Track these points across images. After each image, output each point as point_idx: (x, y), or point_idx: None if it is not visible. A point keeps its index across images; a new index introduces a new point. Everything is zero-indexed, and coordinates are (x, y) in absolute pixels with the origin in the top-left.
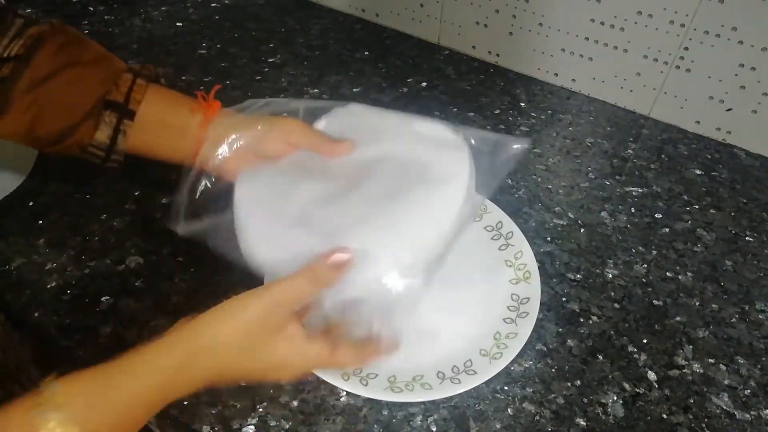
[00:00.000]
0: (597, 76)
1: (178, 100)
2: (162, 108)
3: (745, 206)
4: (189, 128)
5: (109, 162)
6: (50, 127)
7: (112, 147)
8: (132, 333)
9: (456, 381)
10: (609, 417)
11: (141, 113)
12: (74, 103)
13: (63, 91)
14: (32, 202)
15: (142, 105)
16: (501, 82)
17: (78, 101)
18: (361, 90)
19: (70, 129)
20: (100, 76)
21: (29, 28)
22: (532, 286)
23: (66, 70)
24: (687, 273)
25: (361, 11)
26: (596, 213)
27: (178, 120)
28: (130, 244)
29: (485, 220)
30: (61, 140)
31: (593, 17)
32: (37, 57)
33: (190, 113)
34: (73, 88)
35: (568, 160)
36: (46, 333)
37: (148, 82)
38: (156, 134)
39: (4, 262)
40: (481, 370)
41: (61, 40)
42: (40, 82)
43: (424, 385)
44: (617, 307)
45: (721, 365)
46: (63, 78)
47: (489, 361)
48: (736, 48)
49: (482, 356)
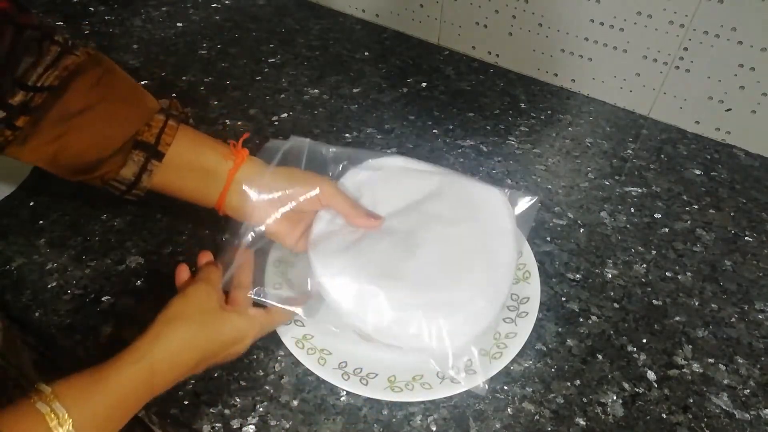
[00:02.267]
0: (597, 77)
1: (206, 143)
2: (190, 151)
3: (744, 206)
4: (216, 174)
5: (130, 195)
6: (75, 159)
7: (135, 184)
8: (132, 333)
9: (456, 381)
10: (608, 417)
11: (170, 155)
12: (104, 139)
13: (94, 127)
14: (32, 202)
15: (172, 147)
16: (501, 83)
17: (108, 138)
18: (361, 90)
19: (97, 163)
20: (132, 115)
21: (65, 58)
22: (531, 286)
23: (99, 106)
24: (686, 273)
25: (361, 11)
26: (596, 213)
27: (205, 164)
28: (130, 244)
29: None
30: (85, 172)
31: (593, 17)
32: (70, 90)
33: (219, 158)
34: (105, 125)
35: (568, 160)
36: (46, 333)
37: (178, 123)
38: (182, 176)
39: (5, 262)
40: (481, 369)
41: (96, 74)
42: (72, 115)
43: (424, 384)
44: (617, 307)
45: (720, 365)
46: (95, 114)
47: (489, 360)
48: (736, 48)
49: (482, 356)
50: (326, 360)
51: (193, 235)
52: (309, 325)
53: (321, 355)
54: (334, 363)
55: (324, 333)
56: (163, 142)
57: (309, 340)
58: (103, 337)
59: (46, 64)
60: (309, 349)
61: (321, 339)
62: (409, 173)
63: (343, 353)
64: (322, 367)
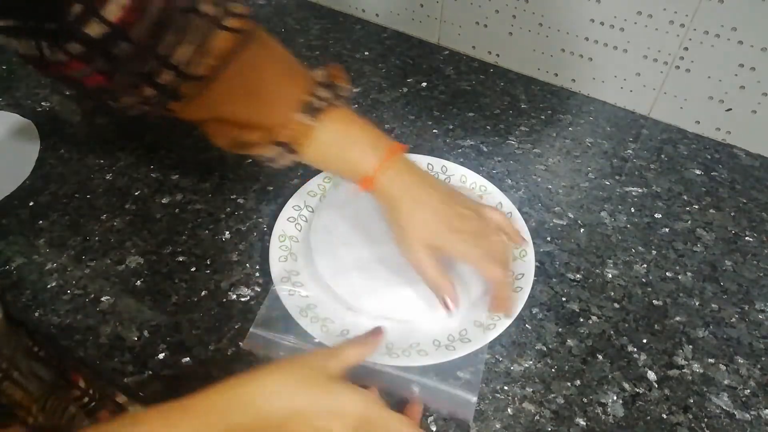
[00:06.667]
0: (597, 76)
1: (352, 136)
2: (343, 133)
3: (744, 206)
4: (360, 166)
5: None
6: (221, 140)
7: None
8: (132, 333)
9: (451, 348)
10: (609, 417)
11: (307, 154)
12: (243, 132)
13: (235, 118)
14: (32, 202)
15: (309, 147)
16: (501, 82)
17: (247, 131)
18: (361, 90)
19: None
20: (290, 94)
21: (214, 37)
22: (527, 263)
23: (241, 100)
24: (687, 273)
25: (361, 11)
26: (596, 213)
27: (348, 158)
28: (130, 244)
29: (484, 200)
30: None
31: (593, 17)
32: (218, 81)
33: (370, 149)
34: (258, 106)
35: (568, 160)
36: (46, 333)
37: (335, 104)
38: (325, 164)
39: (4, 262)
40: (475, 338)
41: (246, 60)
42: (216, 105)
43: (420, 351)
44: (617, 307)
45: (720, 365)
46: (236, 107)
47: (483, 331)
48: (736, 48)
49: (476, 327)
50: (329, 328)
51: (193, 235)
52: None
53: (324, 323)
54: (336, 330)
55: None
56: (299, 143)
57: (313, 310)
58: (103, 337)
59: (195, 44)
60: (312, 318)
61: (323, 308)
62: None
63: (346, 323)
64: (325, 335)
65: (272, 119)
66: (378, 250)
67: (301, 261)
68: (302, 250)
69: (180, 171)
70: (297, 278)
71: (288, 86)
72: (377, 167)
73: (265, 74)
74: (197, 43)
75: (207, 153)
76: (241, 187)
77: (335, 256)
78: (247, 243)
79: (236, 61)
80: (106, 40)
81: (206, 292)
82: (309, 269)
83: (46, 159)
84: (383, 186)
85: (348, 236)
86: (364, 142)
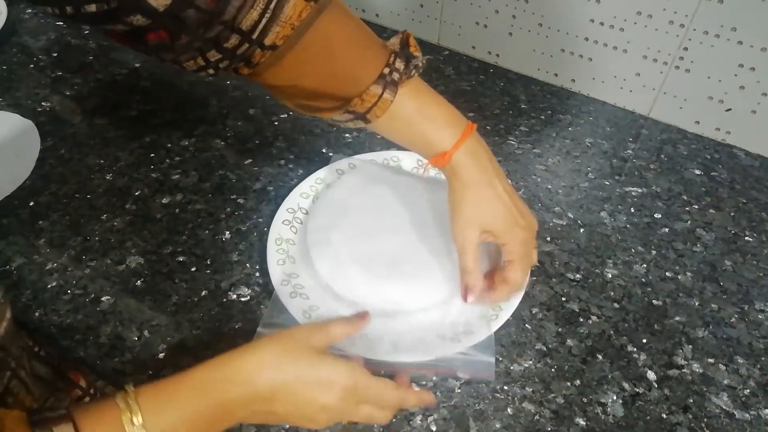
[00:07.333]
0: (597, 77)
1: (426, 111)
2: (419, 108)
3: (744, 206)
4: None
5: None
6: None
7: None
8: (132, 333)
9: (456, 341)
10: (608, 417)
11: (378, 124)
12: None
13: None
14: (32, 202)
15: (381, 119)
16: (501, 83)
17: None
18: None
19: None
20: (367, 66)
21: (288, 6)
22: None
23: (308, 78)
24: (686, 273)
25: (360, 11)
26: (596, 213)
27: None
28: (130, 244)
29: None
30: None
31: (593, 17)
32: (289, 55)
33: (446, 127)
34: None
35: (568, 161)
36: (46, 333)
37: (397, 88)
38: (398, 137)
39: (4, 262)
40: (478, 330)
41: (320, 33)
42: (297, 73)
43: (426, 345)
44: (617, 307)
45: (720, 365)
46: (319, 70)
47: (486, 322)
48: (736, 48)
49: (479, 319)
50: None
51: (193, 235)
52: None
53: None
54: None
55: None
56: (373, 114)
57: (315, 311)
58: (103, 337)
59: (266, 11)
60: (315, 319)
61: (325, 309)
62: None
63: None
64: None
65: (348, 91)
66: (376, 245)
67: (299, 263)
68: (300, 253)
69: (180, 171)
70: (297, 281)
71: (364, 58)
72: (453, 146)
73: (341, 45)
74: (269, 10)
75: (207, 153)
76: (241, 187)
77: (333, 256)
78: (247, 243)
79: (311, 31)
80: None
81: (206, 292)
82: (308, 271)
83: (46, 159)
84: (457, 164)
85: (344, 235)
86: (440, 120)
